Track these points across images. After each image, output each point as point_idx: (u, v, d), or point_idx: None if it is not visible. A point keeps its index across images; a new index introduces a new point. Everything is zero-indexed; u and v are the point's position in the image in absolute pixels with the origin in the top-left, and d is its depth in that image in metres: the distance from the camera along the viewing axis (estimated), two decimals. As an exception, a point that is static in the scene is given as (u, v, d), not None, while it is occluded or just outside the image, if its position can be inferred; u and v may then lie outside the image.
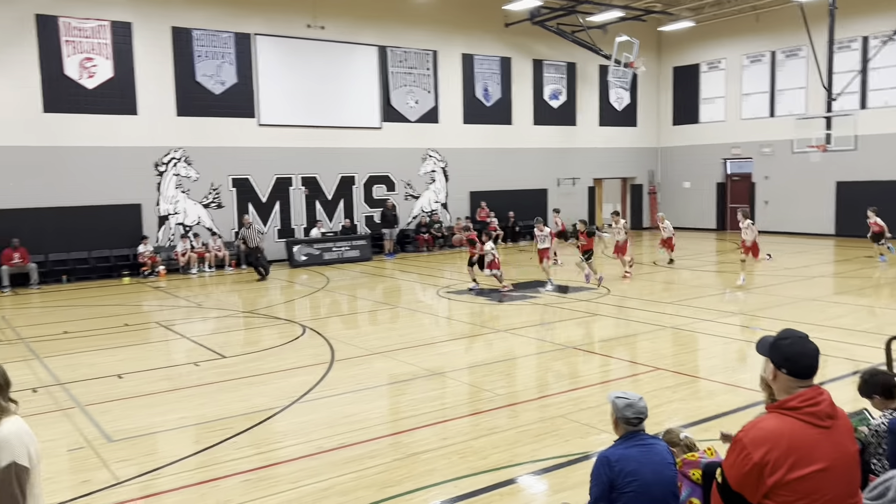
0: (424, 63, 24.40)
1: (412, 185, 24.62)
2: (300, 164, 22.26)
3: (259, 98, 21.35)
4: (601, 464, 3.82)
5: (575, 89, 28.16)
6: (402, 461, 6.03)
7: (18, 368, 9.66)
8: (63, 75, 18.43)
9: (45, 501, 3.11)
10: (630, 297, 13.94)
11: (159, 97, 19.79)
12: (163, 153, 20.03)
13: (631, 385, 8.13)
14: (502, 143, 26.30)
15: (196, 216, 20.66)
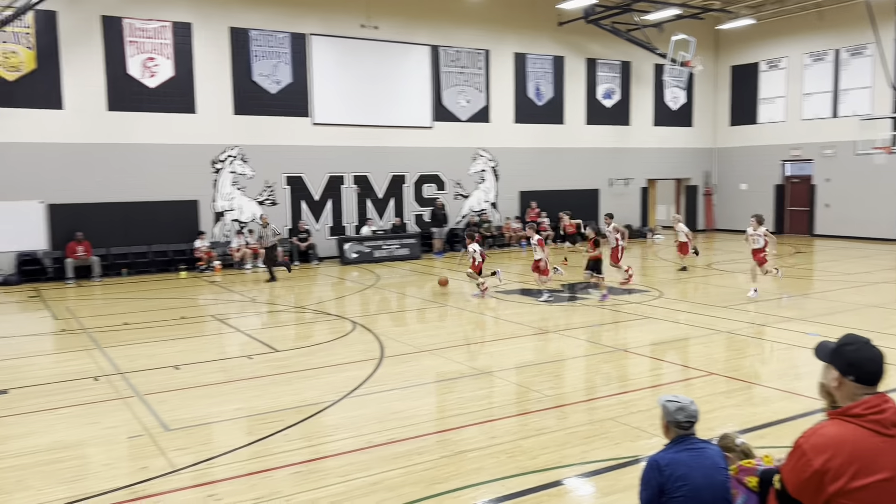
0: (476, 62, 24.39)
1: (462, 184, 24.65)
2: (352, 162, 22.51)
3: (313, 97, 21.66)
4: (651, 468, 3.76)
5: (629, 88, 27.78)
6: (449, 458, 6.05)
7: (81, 357, 10.03)
8: (126, 75, 19.03)
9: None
10: (682, 301, 13.70)
11: (217, 96, 20.26)
12: (220, 151, 20.49)
13: (683, 389, 7.98)
14: (554, 143, 26.12)
15: (251, 213, 21.08)
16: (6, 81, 17.58)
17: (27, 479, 5.78)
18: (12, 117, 17.83)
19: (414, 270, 19.60)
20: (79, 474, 5.91)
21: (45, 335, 12.07)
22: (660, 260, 20.93)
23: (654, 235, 27.49)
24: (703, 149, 30.02)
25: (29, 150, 18.05)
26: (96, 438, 6.77)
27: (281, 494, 5.39)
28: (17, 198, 18.00)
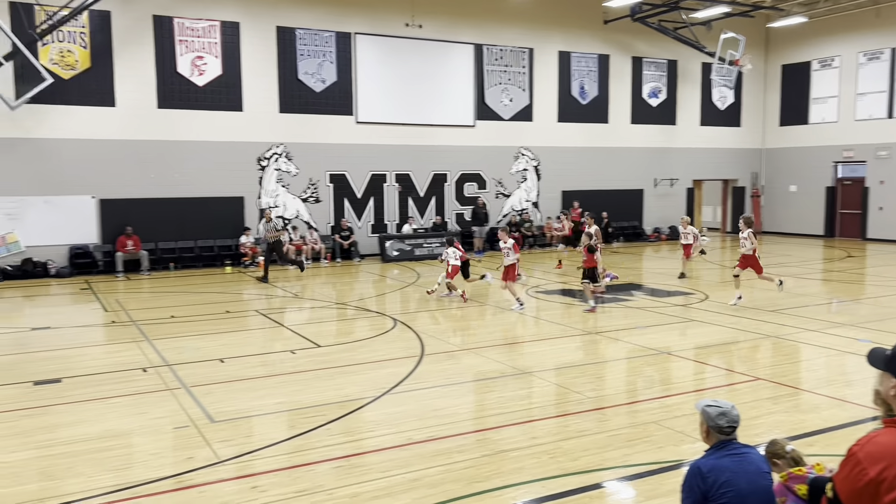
0: (520, 61, 24.29)
1: (503, 183, 24.58)
2: (394, 161, 22.62)
3: (357, 96, 21.83)
4: (693, 475, 3.70)
5: (675, 87, 27.36)
6: (490, 458, 6.04)
7: (130, 349, 10.28)
8: (176, 73, 19.44)
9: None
10: (728, 304, 13.43)
11: (263, 94, 20.57)
12: (265, 148, 20.80)
13: (728, 395, 7.84)
14: (597, 142, 25.87)
15: (295, 210, 21.35)
16: (62, 80, 18.10)
17: (78, 466, 5.95)
18: (67, 114, 18.36)
19: (455, 269, 19.57)
20: (127, 462, 6.07)
21: (96, 326, 12.40)
22: (705, 262, 20.55)
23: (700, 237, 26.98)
24: (751, 149, 29.41)
25: (82, 147, 18.57)
26: (144, 428, 6.94)
27: (323, 488, 5.45)
28: (71, 192, 18.54)
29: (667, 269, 19.18)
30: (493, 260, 21.48)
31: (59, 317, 13.37)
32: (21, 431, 6.84)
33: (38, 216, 18.23)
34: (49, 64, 17.88)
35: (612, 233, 25.92)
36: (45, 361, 9.65)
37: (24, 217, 18.12)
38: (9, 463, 6.08)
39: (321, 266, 20.36)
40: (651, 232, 27.19)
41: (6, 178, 17.81)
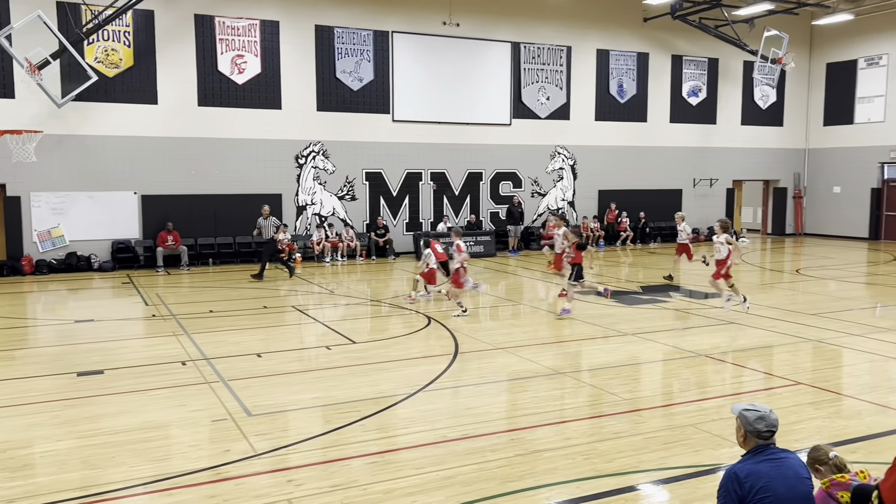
0: (558, 59, 24.15)
1: (539, 182, 24.46)
2: (430, 159, 22.67)
3: (394, 94, 21.92)
4: (730, 479, 3.65)
5: (716, 86, 26.94)
6: (523, 457, 6.02)
7: (170, 342, 10.48)
8: (216, 71, 19.75)
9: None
10: (769, 307, 13.19)
11: (301, 93, 20.78)
12: (303, 146, 21.01)
13: (767, 399, 7.70)
14: (635, 141, 25.61)
15: (331, 207, 21.54)
16: (106, 78, 18.51)
17: (119, 456, 6.09)
18: (111, 112, 18.77)
19: (488, 268, 19.58)
20: (166, 454, 6.18)
21: (137, 320, 12.66)
22: (745, 264, 20.21)
23: (739, 238, 26.54)
24: (793, 149, 28.81)
25: (125, 143, 18.97)
26: (183, 420, 7.07)
27: (357, 483, 5.49)
28: (114, 188, 18.95)
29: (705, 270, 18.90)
30: (528, 259, 21.41)
31: (102, 310, 13.67)
32: (66, 421, 7.02)
33: (82, 211, 18.68)
34: (94, 62, 18.30)
35: (649, 233, 25.65)
36: (89, 353, 9.89)
37: (68, 212, 18.58)
38: (55, 451, 6.24)
39: (357, 263, 20.50)
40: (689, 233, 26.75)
41: (53, 174, 18.29)
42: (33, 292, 15.91)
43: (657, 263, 20.32)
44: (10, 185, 18.03)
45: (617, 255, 22.61)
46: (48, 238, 18.49)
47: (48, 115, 17.77)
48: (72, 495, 5.31)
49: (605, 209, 25.23)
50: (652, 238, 25.69)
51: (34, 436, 6.64)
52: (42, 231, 18.41)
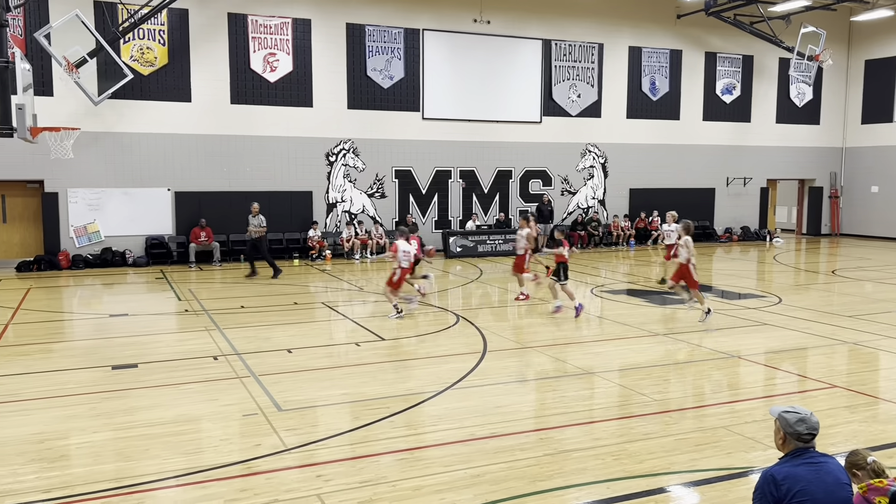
0: (589, 56, 23.97)
1: (569, 180, 24.32)
2: (460, 157, 22.66)
3: (424, 92, 21.94)
4: (766, 482, 3.58)
5: (751, 84, 26.51)
6: (552, 457, 5.99)
7: (202, 337, 10.62)
8: (249, 69, 19.95)
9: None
10: (803, 308, 12.96)
11: (332, 91, 20.90)
12: (333, 144, 21.13)
13: (801, 402, 7.56)
14: (668, 140, 25.33)
15: (361, 205, 21.64)
16: (141, 76, 18.80)
17: (153, 449, 6.18)
18: (146, 109, 19.07)
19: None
20: (198, 447, 6.27)
21: (170, 315, 12.84)
22: (779, 264, 19.89)
23: (773, 238, 26.16)
24: (830, 148, 28.26)
25: (159, 141, 19.26)
26: (215, 414, 7.15)
27: (386, 480, 5.51)
28: (148, 185, 19.26)
29: (738, 270, 18.65)
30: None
31: (136, 304, 13.90)
32: (101, 413, 7.15)
33: (117, 207, 19.01)
34: (129, 60, 18.60)
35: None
36: (123, 347, 10.06)
37: (104, 208, 18.92)
38: (91, 443, 6.36)
39: (386, 260, 20.54)
40: (722, 232, 26.46)
41: (89, 171, 18.64)
42: (69, 286, 16.23)
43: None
44: (49, 181, 18.41)
45: (647, 255, 22.39)
46: (84, 233, 18.86)
47: (85, 113, 18.11)
48: (106, 486, 5.41)
49: (638, 209, 24.99)
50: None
51: (71, 427, 6.78)
52: (78, 226, 18.78)
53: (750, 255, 22.63)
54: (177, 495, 5.30)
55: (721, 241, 26.00)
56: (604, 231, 24.28)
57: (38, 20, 17.58)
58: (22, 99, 13.28)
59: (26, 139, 13.68)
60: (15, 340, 10.58)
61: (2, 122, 13.21)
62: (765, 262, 21.09)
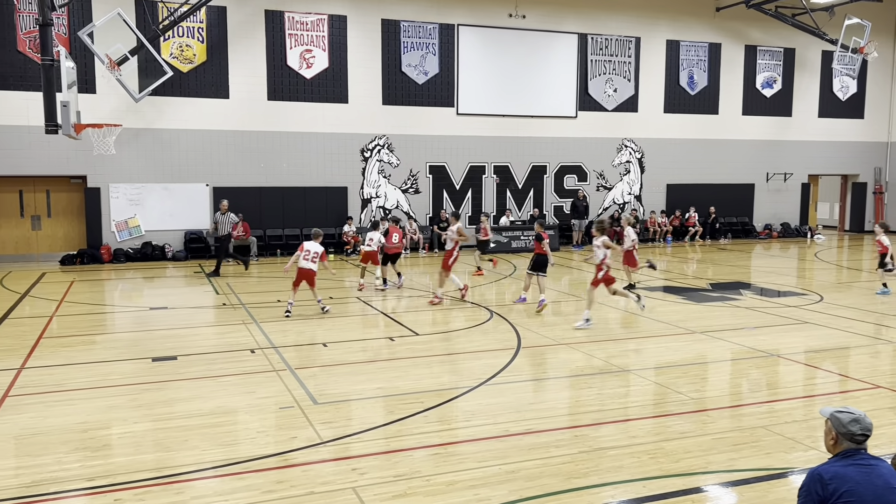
0: (626, 50, 23.70)
1: (605, 175, 24.09)
2: (494, 152, 22.61)
3: (458, 88, 21.92)
4: (813, 480, 3.50)
5: (792, 77, 25.96)
6: (587, 454, 5.95)
7: (239, 330, 10.77)
8: (285, 65, 20.14)
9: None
10: (846, 307, 12.67)
11: (367, 87, 21.00)
12: (368, 140, 21.24)
13: (844, 402, 7.39)
14: (706, 134, 24.94)
15: (395, 200, 21.73)
16: (180, 73, 19.11)
17: (192, 440, 6.29)
18: (185, 106, 19.38)
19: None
20: (235, 439, 6.36)
21: (208, 308, 13.05)
22: (820, 261, 19.48)
23: (814, 235, 25.63)
24: (874, 143, 27.56)
25: (198, 137, 19.56)
26: (252, 407, 7.25)
27: (420, 474, 5.53)
28: (187, 180, 19.58)
29: (778, 268, 18.30)
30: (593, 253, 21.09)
31: (175, 298, 14.15)
32: (142, 404, 7.30)
33: (157, 202, 19.37)
34: (169, 58, 18.91)
35: (719, 228, 24.97)
36: (163, 340, 10.26)
37: (144, 203, 19.30)
38: (132, 433, 6.50)
39: (419, 256, 20.63)
40: (762, 229, 25.99)
41: (130, 166, 19.02)
42: (111, 280, 16.59)
43: (727, 260, 19.76)
44: (91, 176, 18.84)
45: (685, 251, 22.10)
46: (125, 228, 19.25)
47: (126, 110, 18.47)
48: (147, 476, 5.52)
49: (675, 205, 24.67)
50: (722, 234, 25.00)
51: (112, 417, 6.93)
52: (119, 221, 19.18)
53: (790, 251, 22.20)
54: (215, 486, 5.38)
55: (760, 238, 25.55)
56: (641, 227, 24.00)
57: (82, 19, 17.97)
58: (66, 96, 13.58)
59: (70, 135, 13.99)
60: (59, 332, 10.85)
61: (48, 119, 13.52)
62: (806, 259, 20.66)
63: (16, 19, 17.89)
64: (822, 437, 6.32)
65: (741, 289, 14.70)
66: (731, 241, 24.69)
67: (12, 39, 17.89)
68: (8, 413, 7.02)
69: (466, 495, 5.17)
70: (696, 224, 24.52)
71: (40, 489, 5.29)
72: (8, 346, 9.89)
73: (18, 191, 18.93)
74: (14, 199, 18.96)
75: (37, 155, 18.23)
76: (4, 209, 18.90)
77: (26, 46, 17.94)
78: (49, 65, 13.63)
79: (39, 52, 14.07)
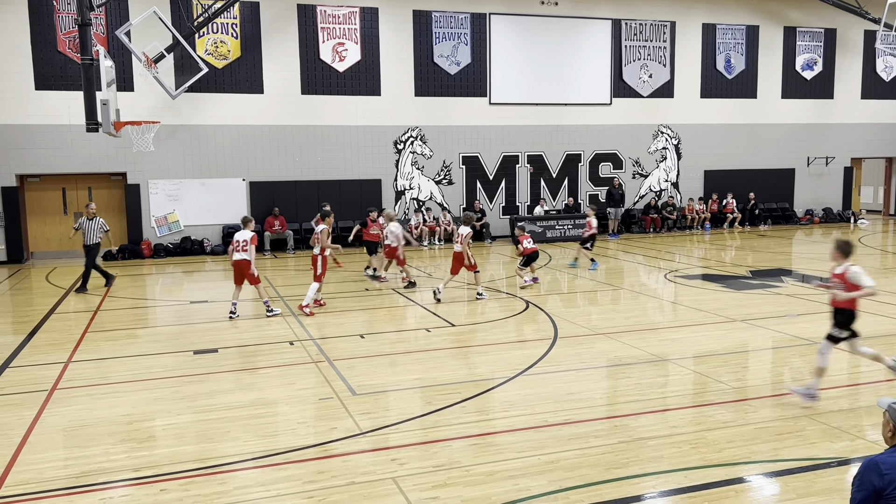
0: (661, 35, 23.33)
1: (640, 162, 23.79)
2: (527, 141, 22.47)
3: (491, 77, 21.81)
4: (869, 469, 3.45)
5: (833, 58, 25.30)
6: (627, 444, 5.90)
7: (278, 323, 10.89)
8: (318, 59, 20.25)
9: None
10: (892, 293, 12.35)
11: (400, 79, 21.00)
12: (401, 132, 21.26)
13: (890, 391, 7.23)
14: (744, 119, 24.46)
15: (429, 192, 21.74)
16: (215, 69, 19.33)
17: (233, 431, 6.39)
18: (220, 102, 19.61)
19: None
20: (276, 430, 6.44)
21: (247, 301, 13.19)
22: (864, 247, 18.99)
23: (858, 220, 25.01)
24: (920, 124, 26.74)
25: (234, 132, 19.80)
26: (291, 398, 7.34)
27: (460, 464, 5.54)
28: (223, 175, 19.83)
29: (820, 254, 17.91)
30: (629, 242, 20.89)
31: (215, 291, 14.35)
32: (184, 396, 7.44)
33: (194, 197, 19.67)
34: (204, 54, 19.14)
35: (758, 215, 24.51)
36: (203, 333, 10.43)
37: (183, 198, 19.61)
38: (175, 425, 6.62)
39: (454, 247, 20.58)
40: (803, 214, 25.45)
41: (168, 163, 19.33)
42: (152, 274, 16.91)
43: (767, 246, 19.39)
44: (131, 173, 19.19)
45: (724, 239, 21.74)
46: (165, 223, 19.59)
47: (164, 107, 18.76)
48: (190, 466, 5.62)
49: (712, 191, 24.28)
50: (762, 220, 24.54)
51: (156, 409, 7.07)
52: (159, 217, 19.53)
53: (833, 237, 21.68)
54: (257, 476, 5.46)
55: (801, 224, 25.02)
56: (678, 215, 23.69)
57: (119, 18, 18.28)
58: (105, 94, 13.82)
59: (110, 133, 14.24)
60: (103, 326, 11.09)
61: (88, 118, 13.79)
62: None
63: (55, 20, 18.26)
64: (869, 427, 6.22)
65: (782, 276, 14.42)
66: (772, 228, 24.22)
67: (52, 40, 18.28)
68: (56, 405, 7.21)
69: (506, 485, 5.17)
70: (734, 210, 24.10)
71: (89, 479, 5.43)
72: (55, 340, 10.15)
73: (61, 189, 19.38)
74: (57, 196, 19.42)
75: (78, 153, 18.63)
76: (48, 207, 19.37)
77: (66, 47, 18.32)
78: (88, 64, 13.88)
79: (79, 51, 14.34)
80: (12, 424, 6.67)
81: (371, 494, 5.08)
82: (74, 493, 5.20)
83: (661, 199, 23.84)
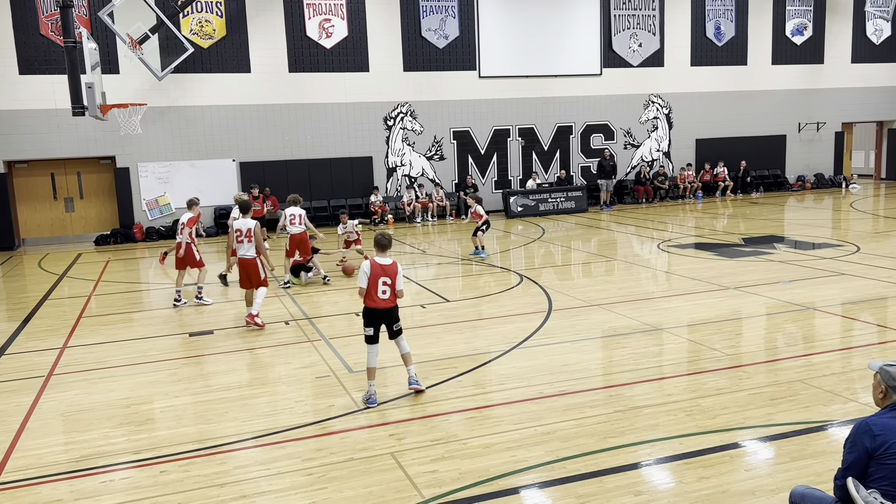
0: (650, 3, 23.14)
1: (632, 133, 23.73)
2: (517, 114, 22.36)
3: (480, 50, 21.64)
4: (861, 431, 3.51)
5: (823, 23, 25.17)
6: (623, 413, 5.96)
7: (273, 303, 10.89)
8: (305, 36, 20.04)
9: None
10: (883, 257, 12.43)
11: (388, 54, 20.82)
12: (391, 108, 21.13)
13: (882, 353, 7.30)
14: (735, 86, 24.38)
15: (420, 168, 21.66)
16: (201, 49, 19.12)
17: (231, 411, 6.42)
18: (207, 82, 19.42)
19: (580, 224, 19.27)
20: (274, 409, 6.47)
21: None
22: (856, 211, 19.07)
23: (849, 185, 25.08)
24: (911, 87, 26.71)
25: (222, 112, 19.63)
26: (289, 377, 7.37)
27: (457, 438, 5.59)
28: (213, 156, 19.71)
29: (813, 219, 17.97)
30: (621, 214, 20.92)
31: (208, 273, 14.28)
32: (182, 378, 7.46)
33: (185, 179, 19.55)
34: (189, 34, 18.92)
35: (750, 182, 24.53)
36: (198, 315, 10.43)
37: (173, 180, 19.50)
38: (173, 406, 6.65)
39: (447, 223, 20.61)
40: (794, 181, 25.49)
41: (157, 145, 19.18)
42: (145, 258, 16.86)
43: (759, 214, 19.45)
44: (120, 156, 19.05)
45: (716, 207, 21.78)
46: (156, 206, 19.49)
47: (150, 88, 18.57)
48: (190, 447, 5.65)
49: (704, 160, 24.26)
50: (754, 187, 24.57)
51: (154, 392, 7.09)
52: (150, 200, 19.43)
53: (825, 202, 21.76)
54: (256, 455, 5.50)
55: (793, 190, 25.07)
56: (671, 184, 23.69)
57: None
58: (91, 77, 13.67)
59: (97, 117, 14.12)
60: (98, 311, 11.08)
61: (74, 101, 13.64)
62: (841, 209, 20.25)
63: (37, 2, 17.98)
64: (861, 390, 6.29)
65: (775, 242, 14.48)
66: (763, 195, 24.27)
67: (34, 23, 18.02)
68: (54, 391, 7.22)
69: (503, 457, 5.22)
70: (726, 179, 24.12)
71: (89, 463, 5.45)
72: (50, 326, 10.14)
73: (50, 174, 19.23)
74: (46, 182, 19.28)
75: (65, 138, 18.47)
76: (38, 192, 19.24)
77: (49, 30, 18.06)
78: (72, 47, 13.70)
79: (62, 34, 14.13)
80: (10, 411, 6.68)
81: (370, 470, 5.12)
82: (75, 477, 5.23)
83: (653, 170, 23.82)
